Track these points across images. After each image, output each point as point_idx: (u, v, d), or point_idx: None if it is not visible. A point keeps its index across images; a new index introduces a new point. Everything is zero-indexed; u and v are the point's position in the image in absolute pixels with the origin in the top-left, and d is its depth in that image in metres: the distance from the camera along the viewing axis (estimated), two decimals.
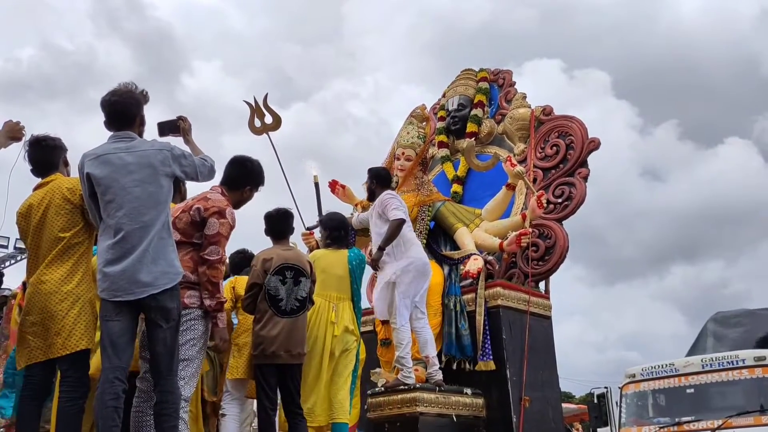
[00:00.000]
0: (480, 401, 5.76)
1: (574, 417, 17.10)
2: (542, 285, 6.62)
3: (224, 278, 4.23)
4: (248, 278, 4.17)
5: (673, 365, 7.67)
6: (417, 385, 5.33)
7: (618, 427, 7.90)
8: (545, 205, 6.33)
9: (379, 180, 5.76)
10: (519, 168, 6.40)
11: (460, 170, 7.82)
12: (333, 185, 7.13)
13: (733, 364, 7.19)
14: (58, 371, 3.48)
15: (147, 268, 3.22)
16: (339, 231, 5.03)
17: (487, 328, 5.88)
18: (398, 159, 6.82)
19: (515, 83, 7.97)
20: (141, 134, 3.51)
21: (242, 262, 5.09)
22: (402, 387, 5.33)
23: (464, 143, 7.58)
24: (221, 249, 3.70)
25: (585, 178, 6.78)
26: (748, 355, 7.22)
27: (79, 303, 3.37)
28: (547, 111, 7.35)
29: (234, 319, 4.59)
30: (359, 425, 5.40)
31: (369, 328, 6.23)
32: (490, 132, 7.76)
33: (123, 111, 3.44)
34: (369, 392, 5.56)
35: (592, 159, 6.88)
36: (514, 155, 7.10)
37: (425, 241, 6.38)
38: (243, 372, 4.42)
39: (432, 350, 5.52)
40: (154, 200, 3.31)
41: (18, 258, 20.21)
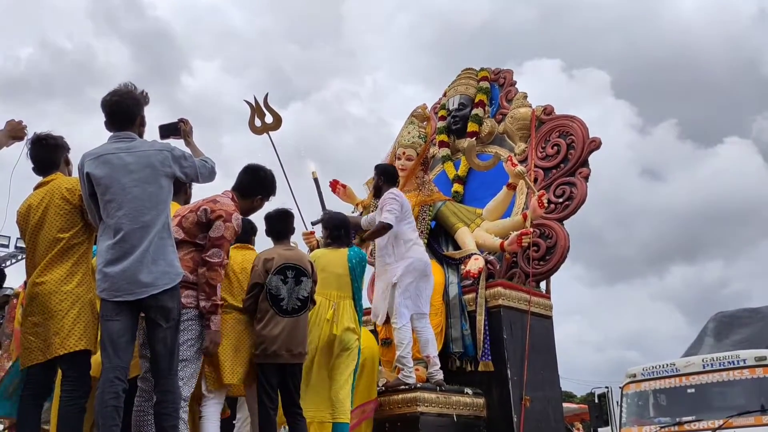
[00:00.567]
0: (481, 401, 5.75)
1: (575, 417, 17.09)
2: (543, 285, 6.62)
3: None
4: (249, 278, 4.17)
5: (674, 365, 7.68)
6: (418, 385, 5.33)
7: (619, 427, 7.90)
8: (546, 205, 6.33)
9: (387, 176, 5.77)
10: (520, 168, 6.40)
11: (461, 170, 7.82)
12: (334, 185, 7.14)
13: (734, 364, 7.21)
14: (59, 371, 3.49)
15: (147, 269, 3.22)
16: (339, 230, 5.03)
17: (488, 328, 5.88)
18: (399, 159, 6.80)
19: (516, 83, 7.97)
20: (141, 135, 3.51)
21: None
22: (403, 387, 5.33)
23: (465, 143, 7.58)
24: (223, 252, 3.71)
25: (586, 178, 6.78)
26: (749, 355, 7.23)
27: (79, 303, 3.37)
28: (548, 110, 7.35)
29: None
30: None
31: (370, 328, 6.23)
32: (491, 131, 7.77)
33: (123, 111, 3.44)
34: None
35: (592, 158, 6.89)
36: (515, 155, 7.10)
37: (426, 241, 6.38)
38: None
39: (433, 350, 5.52)
40: (154, 200, 3.31)
41: (19, 257, 20.29)
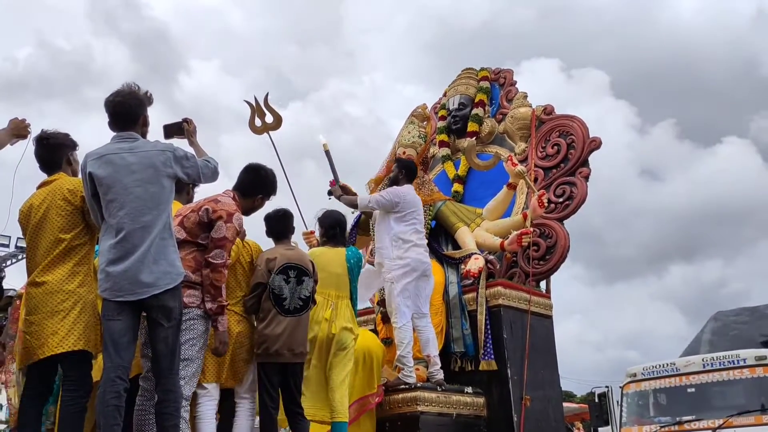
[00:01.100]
0: (481, 400, 5.75)
1: (575, 416, 17.10)
2: (543, 284, 6.63)
3: None
4: (252, 278, 4.18)
5: (674, 365, 7.68)
6: (418, 385, 5.33)
7: (619, 427, 7.89)
8: (546, 205, 6.33)
9: (408, 172, 5.83)
10: (520, 167, 6.40)
11: (461, 169, 7.83)
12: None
13: (734, 364, 7.20)
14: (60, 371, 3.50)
15: (148, 269, 3.23)
16: (334, 229, 5.00)
17: (488, 328, 5.89)
18: None
19: (516, 82, 7.98)
20: (144, 135, 3.52)
21: None
22: (403, 386, 5.33)
23: (465, 142, 7.59)
24: (226, 253, 3.72)
25: (586, 178, 6.78)
26: (749, 355, 7.23)
27: (81, 304, 3.38)
28: (548, 110, 7.36)
29: None
30: None
31: (370, 327, 6.24)
32: (491, 131, 7.77)
33: (126, 111, 3.44)
34: None
35: (592, 158, 6.90)
36: (515, 154, 7.10)
37: (426, 241, 6.38)
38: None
39: (434, 349, 5.52)
40: (156, 201, 3.32)
41: (19, 257, 20.28)
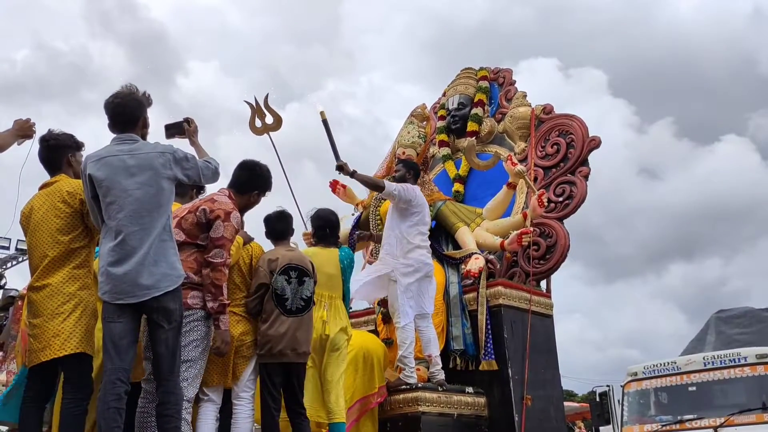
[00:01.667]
0: (482, 400, 5.75)
1: (576, 415, 17.09)
2: (543, 284, 6.62)
3: None
4: (254, 279, 4.18)
5: (675, 363, 7.68)
6: (419, 385, 5.33)
7: (620, 426, 7.88)
8: (546, 204, 6.33)
9: (415, 172, 5.97)
10: (520, 167, 6.40)
11: (462, 169, 7.82)
12: (333, 185, 7.14)
13: (735, 362, 7.20)
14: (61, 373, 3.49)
15: (148, 271, 3.23)
16: (324, 230, 4.95)
17: (489, 328, 5.88)
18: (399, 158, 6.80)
19: (515, 82, 7.97)
20: (144, 136, 3.52)
21: None
22: (404, 386, 5.33)
23: (465, 142, 7.58)
24: (225, 252, 3.71)
25: (586, 177, 6.78)
26: (750, 353, 7.23)
27: (81, 306, 3.38)
28: (548, 110, 7.35)
29: None
30: None
31: (371, 328, 6.23)
32: (491, 131, 7.77)
33: (126, 113, 3.44)
34: None
35: (591, 158, 6.89)
36: (515, 154, 7.10)
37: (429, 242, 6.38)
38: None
39: (435, 349, 5.52)
40: (155, 203, 3.31)
41: (20, 259, 20.23)
